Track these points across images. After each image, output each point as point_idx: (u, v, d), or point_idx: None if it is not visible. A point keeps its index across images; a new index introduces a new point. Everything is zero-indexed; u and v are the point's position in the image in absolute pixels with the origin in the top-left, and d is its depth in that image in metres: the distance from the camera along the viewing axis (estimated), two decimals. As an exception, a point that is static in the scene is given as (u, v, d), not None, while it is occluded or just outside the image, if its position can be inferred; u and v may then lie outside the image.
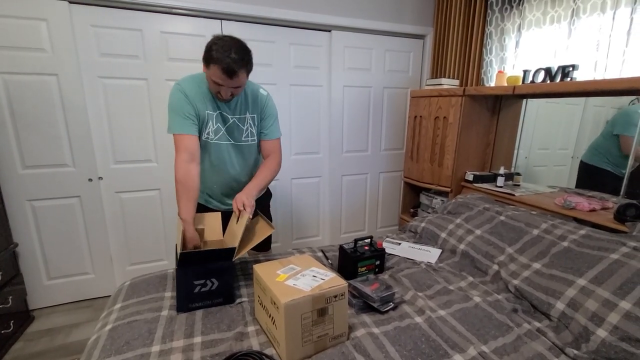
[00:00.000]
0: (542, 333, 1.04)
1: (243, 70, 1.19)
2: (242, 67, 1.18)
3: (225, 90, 1.21)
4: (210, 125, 1.31)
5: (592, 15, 1.68)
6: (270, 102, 1.41)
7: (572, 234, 1.34)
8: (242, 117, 1.36)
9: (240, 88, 1.24)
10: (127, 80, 2.02)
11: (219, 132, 1.34)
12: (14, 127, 1.85)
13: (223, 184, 1.44)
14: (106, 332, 1.02)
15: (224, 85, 1.19)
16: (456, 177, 2.23)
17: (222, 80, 1.17)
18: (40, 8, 1.79)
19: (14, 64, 1.79)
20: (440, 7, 2.59)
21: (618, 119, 1.65)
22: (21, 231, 1.97)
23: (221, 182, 1.43)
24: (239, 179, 1.44)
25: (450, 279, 1.36)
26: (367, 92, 2.64)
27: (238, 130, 1.37)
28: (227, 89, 1.21)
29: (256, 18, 2.17)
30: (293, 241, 2.71)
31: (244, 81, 1.24)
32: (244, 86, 1.28)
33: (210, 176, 1.42)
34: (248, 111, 1.37)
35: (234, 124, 1.35)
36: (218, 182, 1.43)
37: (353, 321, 1.07)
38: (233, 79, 1.17)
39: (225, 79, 1.17)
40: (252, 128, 1.39)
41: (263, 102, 1.39)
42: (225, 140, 1.35)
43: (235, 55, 1.14)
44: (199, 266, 1.08)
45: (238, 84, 1.21)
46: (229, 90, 1.21)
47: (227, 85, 1.19)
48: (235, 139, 1.37)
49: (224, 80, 1.17)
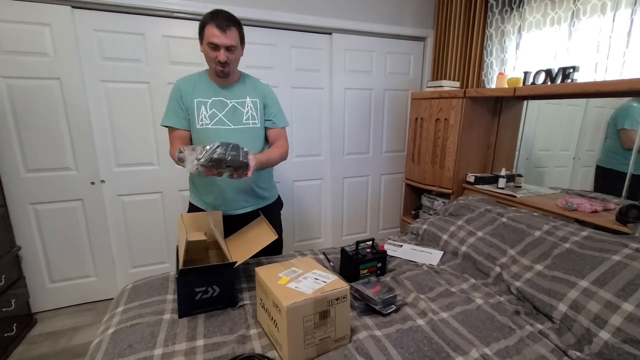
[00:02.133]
0: (545, 335, 1.04)
1: (234, 27, 1.27)
2: (233, 24, 1.27)
3: (222, 53, 1.27)
4: (202, 111, 1.34)
5: (592, 16, 1.68)
6: (271, 91, 1.48)
7: (574, 235, 1.33)
8: (241, 101, 1.38)
9: (234, 51, 1.30)
10: (129, 84, 2.04)
11: (215, 117, 1.35)
12: (17, 130, 1.87)
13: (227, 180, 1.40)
14: (109, 335, 1.02)
15: (219, 45, 1.25)
16: (457, 178, 2.23)
17: (216, 37, 1.24)
18: (44, 13, 1.81)
19: (18, 69, 1.81)
20: (441, 9, 2.60)
21: (617, 115, 1.66)
22: (24, 234, 1.98)
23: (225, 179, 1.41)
24: None
25: (452, 281, 1.35)
26: (368, 94, 2.65)
27: (237, 113, 1.37)
28: (223, 52, 1.27)
29: (257, 21, 2.18)
30: (295, 243, 2.71)
31: (236, 41, 1.29)
32: (239, 55, 1.34)
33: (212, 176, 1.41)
34: (248, 95, 1.39)
35: (232, 107, 1.37)
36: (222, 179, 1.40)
37: (355, 324, 1.07)
38: (226, 33, 1.25)
39: (218, 34, 1.24)
40: (254, 112, 1.40)
41: (265, 90, 1.45)
42: (223, 125, 1.36)
43: (225, 14, 1.27)
44: (200, 273, 1.08)
45: (231, 41, 1.27)
46: (224, 54, 1.27)
47: (222, 43, 1.25)
48: (235, 123, 1.37)
49: (218, 36, 1.24)
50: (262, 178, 1.49)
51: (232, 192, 1.44)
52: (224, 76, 1.34)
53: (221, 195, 1.44)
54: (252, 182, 1.44)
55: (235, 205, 1.45)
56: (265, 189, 1.53)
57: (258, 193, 1.49)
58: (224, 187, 1.42)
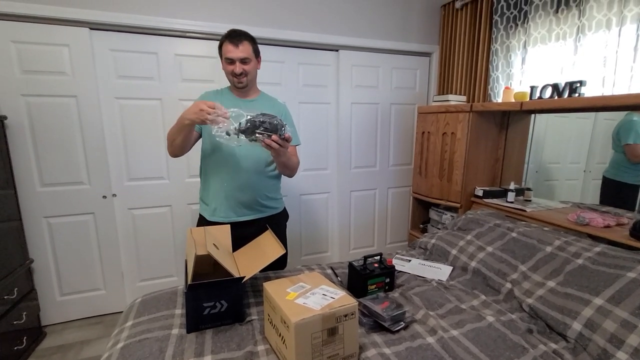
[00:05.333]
0: (559, 355, 1.01)
1: (246, 41, 1.38)
2: (245, 39, 1.38)
3: (237, 66, 1.37)
4: None
5: (597, 32, 1.69)
6: (288, 111, 1.56)
7: (586, 251, 1.31)
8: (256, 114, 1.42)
9: (248, 63, 1.39)
10: (142, 101, 2.10)
11: None
12: (34, 146, 1.93)
13: (236, 185, 1.44)
14: (118, 350, 1.02)
15: (234, 59, 1.36)
16: (466, 192, 2.21)
17: (230, 52, 1.35)
18: (64, 35, 1.89)
19: (37, 87, 1.89)
20: (446, 25, 2.64)
21: (619, 130, 1.66)
22: (37, 247, 2.01)
23: (235, 183, 1.44)
24: (253, 176, 1.45)
25: (462, 298, 1.33)
26: (374, 108, 2.68)
27: None
28: (238, 64, 1.37)
29: (267, 39, 2.24)
30: (302, 257, 2.70)
31: (249, 53, 1.39)
32: (254, 67, 1.43)
33: (222, 180, 1.43)
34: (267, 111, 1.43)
35: None
36: (231, 184, 1.43)
37: (364, 341, 1.06)
38: (239, 47, 1.35)
39: (232, 49, 1.35)
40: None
41: (282, 108, 1.54)
42: None
43: (238, 32, 1.39)
44: (208, 288, 1.09)
45: (244, 54, 1.37)
46: (239, 66, 1.37)
47: (235, 57, 1.36)
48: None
49: (232, 51, 1.35)
50: (269, 188, 1.52)
51: (238, 198, 1.45)
52: (242, 87, 1.43)
53: (226, 201, 1.46)
54: (247, 177, 1.45)
55: (240, 212, 1.47)
56: (272, 198, 1.55)
57: (264, 203, 1.51)
58: (230, 192, 1.45)
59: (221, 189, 1.45)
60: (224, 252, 1.32)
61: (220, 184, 1.45)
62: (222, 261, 1.09)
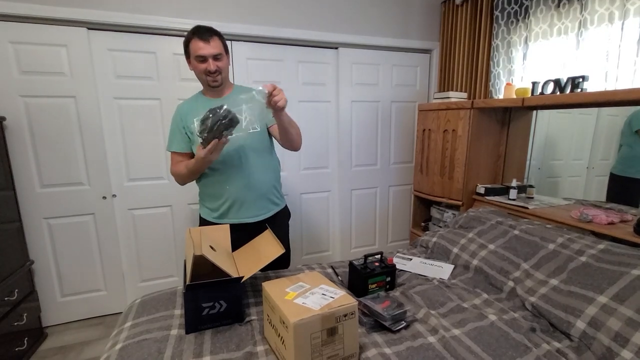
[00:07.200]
0: (563, 354, 1.00)
1: (215, 36, 1.33)
2: (214, 34, 1.33)
3: (210, 63, 1.32)
4: None
5: (600, 26, 1.67)
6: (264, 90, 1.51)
7: (590, 248, 1.29)
8: (237, 109, 1.39)
9: (221, 60, 1.35)
10: (141, 101, 2.09)
11: None
12: (33, 147, 1.93)
13: (238, 186, 1.42)
14: (116, 351, 1.02)
15: (206, 55, 1.30)
16: (467, 190, 2.19)
17: (201, 48, 1.29)
18: (62, 35, 1.88)
19: (35, 88, 1.88)
20: (446, 22, 2.62)
21: (632, 118, 1.62)
22: (37, 248, 2.01)
23: (236, 184, 1.42)
24: (254, 174, 1.43)
25: (464, 296, 1.32)
26: (375, 106, 2.66)
27: None
28: (211, 61, 1.32)
29: (265, 38, 2.23)
30: (303, 256, 2.69)
31: (221, 49, 1.34)
32: (226, 64, 1.39)
33: (222, 184, 1.42)
34: (243, 103, 1.40)
35: None
36: (232, 186, 1.42)
37: (364, 341, 1.05)
38: (210, 43, 1.30)
39: (203, 45, 1.29)
40: (252, 117, 1.40)
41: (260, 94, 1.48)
42: None
43: (205, 27, 1.33)
44: (207, 288, 1.08)
45: (217, 50, 1.32)
46: (213, 63, 1.32)
47: (208, 53, 1.30)
48: (235, 132, 1.36)
49: (203, 47, 1.29)
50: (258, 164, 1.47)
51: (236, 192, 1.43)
52: (216, 85, 1.39)
53: (233, 201, 1.44)
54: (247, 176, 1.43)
55: (248, 212, 1.46)
56: (279, 192, 1.56)
57: (272, 199, 1.50)
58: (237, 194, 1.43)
59: (225, 192, 1.43)
60: (222, 253, 1.31)
61: (219, 188, 1.43)
62: (217, 262, 1.08)
